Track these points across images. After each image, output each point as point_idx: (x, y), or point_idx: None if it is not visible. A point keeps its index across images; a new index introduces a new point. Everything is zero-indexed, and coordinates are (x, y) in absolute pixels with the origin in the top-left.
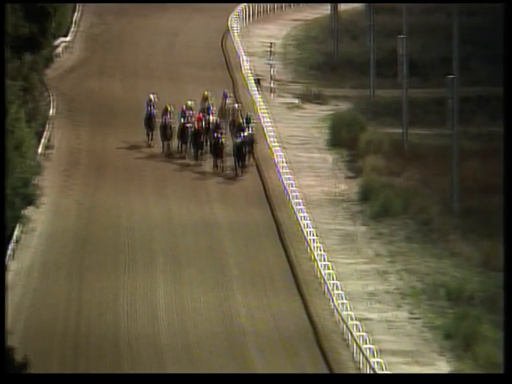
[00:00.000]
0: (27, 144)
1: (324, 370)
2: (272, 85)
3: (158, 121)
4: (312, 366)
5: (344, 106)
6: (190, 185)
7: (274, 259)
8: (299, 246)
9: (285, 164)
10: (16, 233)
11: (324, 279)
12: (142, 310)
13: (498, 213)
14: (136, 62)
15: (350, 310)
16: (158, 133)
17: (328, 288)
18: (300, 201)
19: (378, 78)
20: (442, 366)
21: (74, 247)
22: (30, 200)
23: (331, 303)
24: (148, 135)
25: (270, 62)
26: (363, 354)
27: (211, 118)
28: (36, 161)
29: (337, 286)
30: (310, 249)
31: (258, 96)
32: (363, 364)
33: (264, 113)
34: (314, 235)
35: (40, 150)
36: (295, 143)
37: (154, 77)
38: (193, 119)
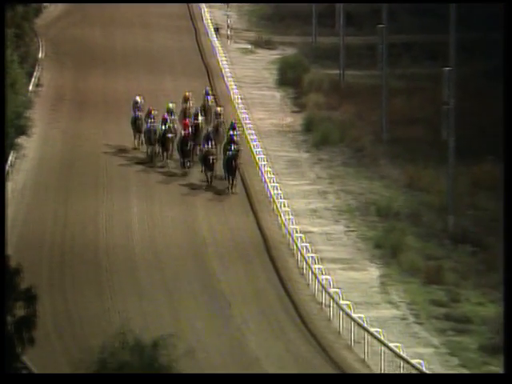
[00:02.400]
0: (20, 82)
1: (273, 275)
2: (229, 33)
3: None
4: (263, 271)
5: (290, 51)
6: None
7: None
8: (252, 170)
9: (240, 100)
10: (10, 158)
11: (273, 198)
12: (118, 224)
13: (419, 141)
14: (114, 13)
15: (296, 224)
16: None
17: (277, 206)
18: (253, 131)
19: (319, 27)
20: (373, 271)
21: (60, 170)
22: (22, 130)
23: (279, 219)
24: (135, 137)
25: (227, 13)
26: (306, 261)
27: (200, 119)
28: (27, 97)
29: (284, 204)
30: (262, 172)
31: (217, 42)
32: (306, 270)
33: (222, 56)
34: (264, 161)
35: (31, 88)
36: (249, 82)
37: (129, 25)
38: (175, 125)
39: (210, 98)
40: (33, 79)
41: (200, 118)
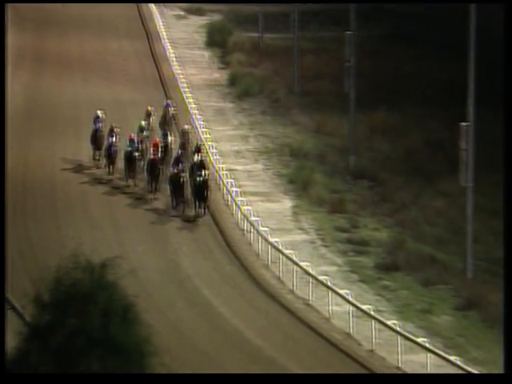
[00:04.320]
0: None
1: None
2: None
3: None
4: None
5: (217, 17)
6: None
7: None
8: (186, 118)
9: (174, 58)
10: None
11: (203, 141)
12: (71, 162)
13: (326, 93)
14: None
15: (222, 163)
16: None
17: (206, 147)
18: (185, 85)
19: None
20: (287, 203)
21: (22, 119)
22: None
23: (208, 158)
24: (94, 153)
25: None
26: (230, 194)
27: (170, 138)
28: None
29: (212, 146)
30: (193, 119)
31: (155, 9)
32: (231, 201)
33: (159, 22)
34: (195, 110)
35: None
36: (182, 43)
37: None
38: (143, 145)
39: (172, 109)
40: None
41: (170, 138)
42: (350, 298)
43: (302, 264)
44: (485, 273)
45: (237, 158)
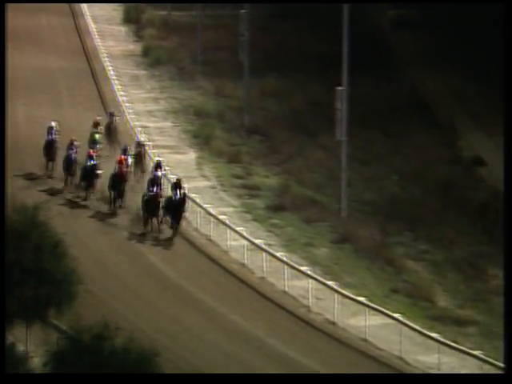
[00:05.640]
0: None
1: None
2: None
3: (61, 151)
4: (115, 150)
5: None
6: None
7: (90, 92)
8: (106, 83)
9: (96, 32)
10: None
11: (122, 102)
12: (33, 124)
13: (224, 62)
14: None
15: (137, 121)
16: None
17: (124, 108)
18: (105, 55)
19: None
20: (192, 154)
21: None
22: None
23: (125, 117)
24: (47, 164)
25: None
26: (144, 148)
27: (130, 159)
28: None
29: (129, 107)
30: (112, 84)
31: None
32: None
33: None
34: (114, 76)
35: None
36: (102, 20)
37: None
38: (98, 158)
39: (116, 118)
40: None
41: (130, 159)
42: (245, 234)
43: (204, 206)
44: (356, 212)
45: (149, 117)
